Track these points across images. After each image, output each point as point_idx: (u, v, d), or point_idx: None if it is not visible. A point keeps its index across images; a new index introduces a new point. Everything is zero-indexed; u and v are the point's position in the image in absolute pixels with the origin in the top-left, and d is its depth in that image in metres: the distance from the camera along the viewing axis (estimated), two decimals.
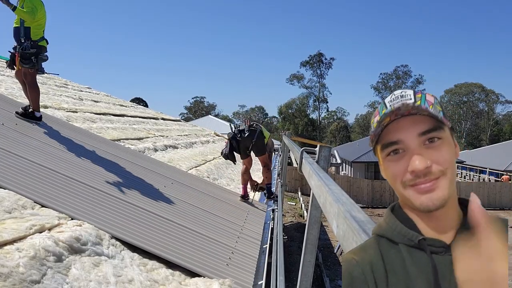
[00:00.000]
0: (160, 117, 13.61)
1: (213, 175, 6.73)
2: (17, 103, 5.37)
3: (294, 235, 14.30)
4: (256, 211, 5.23)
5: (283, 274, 2.81)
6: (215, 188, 5.72)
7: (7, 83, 7.33)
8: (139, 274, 2.30)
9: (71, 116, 6.36)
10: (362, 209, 0.90)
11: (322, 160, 1.82)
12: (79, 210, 2.70)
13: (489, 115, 58.44)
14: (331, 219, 1.06)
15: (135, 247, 2.59)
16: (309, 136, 53.57)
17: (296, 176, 22.00)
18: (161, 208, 3.61)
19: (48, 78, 11.46)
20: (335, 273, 11.87)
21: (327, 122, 65.48)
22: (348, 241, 0.83)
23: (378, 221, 0.74)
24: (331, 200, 1.07)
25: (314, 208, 1.74)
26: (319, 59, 59.26)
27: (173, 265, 2.61)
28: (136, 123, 9.30)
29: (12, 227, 2.10)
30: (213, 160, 8.13)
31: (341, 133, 61.75)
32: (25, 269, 1.79)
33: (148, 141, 7.31)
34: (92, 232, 2.43)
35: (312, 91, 61.55)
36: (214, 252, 3.15)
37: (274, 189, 7.04)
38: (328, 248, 14.35)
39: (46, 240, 2.06)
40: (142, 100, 58.96)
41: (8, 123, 4.11)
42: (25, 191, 2.58)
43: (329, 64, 59.76)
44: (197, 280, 2.55)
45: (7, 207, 2.29)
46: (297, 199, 21.25)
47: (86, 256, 2.19)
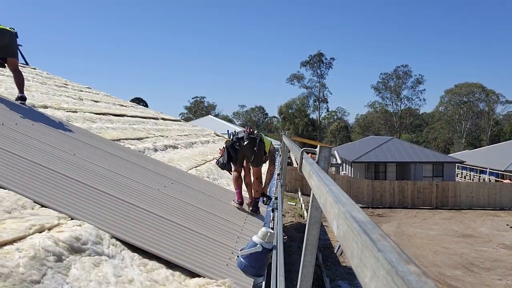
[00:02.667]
0: (160, 117, 13.61)
1: (213, 175, 6.73)
2: (17, 103, 5.37)
3: (294, 235, 14.30)
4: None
5: (283, 274, 2.80)
6: (215, 188, 5.72)
7: (7, 83, 7.33)
8: (139, 274, 2.30)
9: (71, 116, 6.36)
10: (362, 209, 0.90)
11: (323, 161, 1.82)
12: (79, 210, 2.70)
13: (489, 115, 58.44)
14: (331, 219, 1.06)
15: (135, 247, 2.59)
16: (309, 136, 53.57)
17: (296, 176, 22.01)
18: (161, 208, 3.61)
19: (48, 78, 11.46)
20: (335, 273, 11.87)
21: (327, 122, 65.50)
22: (348, 242, 0.83)
23: (378, 221, 0.74)
24: (331, 201, 1.07)
25: (314, 209, 1.74)
26: (319, 59, 59.30)
27: (173, 265, 2.61)
28: (136, 123, 9.30)
29: (12, 227, 2.10)
30: (213, 160, 8.12)
31: (341, 133, 61.76)
32: (25, 269, 1.79)
33: (148, 141, 7.30)
34: (92, 231, 2.43)
35: (312, 91, 61.60)
36: (214, 252, 3.14)
37: (274, 190, 7.04)
38: (328, 248, 14.35)
39: (46, 240, 2.05)
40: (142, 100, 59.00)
41: (8, 123, 4.11)
42: (24, 191, 2.58)
43: (329, 64, 59.84)
44: (197, 280, 2.55)
45: (7, 207, 2.29)
46: (297, 199, 21.24)
47: (86, 256, 2.19)
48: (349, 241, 0.82)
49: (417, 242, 15.85)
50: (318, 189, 1.39)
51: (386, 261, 0.62)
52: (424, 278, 0.57)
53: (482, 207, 22.69)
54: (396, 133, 57.49)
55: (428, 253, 14.53)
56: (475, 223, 19.46)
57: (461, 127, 59.54)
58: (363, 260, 0.71)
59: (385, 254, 0.64)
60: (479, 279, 12.06)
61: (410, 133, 62.12)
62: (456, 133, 59.92)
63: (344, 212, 0.90)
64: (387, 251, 0.65)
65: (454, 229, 18.08)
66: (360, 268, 0.72)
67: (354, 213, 0.87)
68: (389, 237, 0.72)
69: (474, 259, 13.89)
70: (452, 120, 60.12)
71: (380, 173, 30.10)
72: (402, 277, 0.57)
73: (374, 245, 0.68)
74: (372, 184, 23.54)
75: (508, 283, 11.78)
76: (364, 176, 28.47)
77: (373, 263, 0.66)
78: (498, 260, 13.91)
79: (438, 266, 13.17)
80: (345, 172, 31.71)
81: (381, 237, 0.72)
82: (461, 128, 59.51)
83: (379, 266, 0.63)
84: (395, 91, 61.16)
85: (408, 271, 0.58)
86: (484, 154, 35.57)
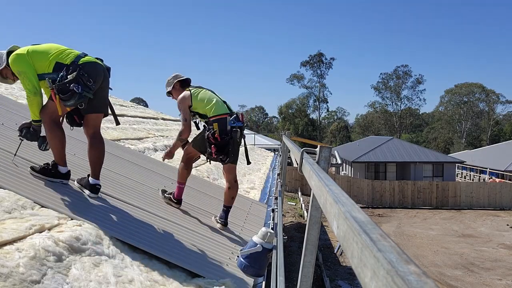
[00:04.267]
0: (160, 117, 13.61)
1: (213, 175, 6.73)
2: (17, 103, 5.37)
3: (294, 235, 14.30)
4: (256, 211, 5.23)
5: (283, 274, 2.80)
6: (215, 188, 5.72)
7: None
8: (139, 274, 2.30)
9: None
10: (362, 209, 0.90)
11: (323, 161, 1.82)
12: (79, 210, 2.70)
13: (489, 115, 58.43)
14: (331, 219, 1.06)
15: (135, 247, 2.59)
16: (309, 136, 53.60)
17: (296, 176, 22.01)
18: (161, 208, 3.61)
19: None
20: (335, 273, 11.88)
21: (327, 122, 65.50)
22: (348, 242, 0.83)
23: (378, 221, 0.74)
24: (331, 201, 1.07)
25: (314, 209, 1.74)
26: (319, 59, 59.28)
27: (173, 265, 2.61)
28: (136, 123, 9.30)
29: (12, 227, 2.10)
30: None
31: (341, 133, 61.76)
32: (25, 269, 1.79)
33: (148, 141, 7.31)
34: (92, 232, 2.43)
35: (312, 91, 61.58)
36: (214, 252, 3.15)
37: (274, 190, 7.04)
38: (328, 248, 14.35)
39: (46, 240, 2.05)
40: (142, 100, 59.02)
41: (8, 123, 4.11)
42: (24, 191, 2.58)
43: (329, 64, 59.81)
44: (197, 280, 2.55)
45: (7, 207, 2.29)
46: (297, 199, 21.24)
47: (86, 256, 2.19)
48: (349, 241, 0.82)
49: (417, 242, 15.85)
50: (318, 189, 1.39)
51: (386, 261, 0.62)
52: (424, 278, 0.57)
53: (482, 207, 22.69)
54: (396, 133, 57.48)
55: (428, 253, 14.53)
56: (475, 223, 19.46)
57: (461, 127, 59.53)
58: (363, 260, 0.71)
59: (385, 254, 0.64)
60: (479, 279, 12.07)
61: (410, 133, 62.12)
62: (456, 133, 59.92)
63: (344, 212, 0.90)
64: (387, 251, 0.65)
65: (454, 229, 18.08)
66: (360, 268, 0.72)
67: (354, 213, 0.87)
68: (389, 237, 0.72)
69: (474, 259, 13.89)
70: (452, 120, 60.12)
71: (380, 173, 30.10)
72: (402, 277, 0.57)
73: (374, 245, 0.68)
74: (372, 184, 23.54)
75: (508, 283, 11.78)
76: (364, 176, 28.46)
77: (373, 263, 0.66)
78: (498, 260, 13.91)
79: (438, 266, 13.17)
80: (345, 172, 31.71)
81: (381, 237, 0.72)
82: (461, 128, 59.51)
83: (379, 266, 0.63)
84: (395, 91, 61.16)
85: (408, 271, 0.58)
86: (484, 154, 35.57)
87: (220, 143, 3.47)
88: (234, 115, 3.64)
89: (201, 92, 3.69)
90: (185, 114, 3.65)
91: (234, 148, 3.59)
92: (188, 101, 3.63)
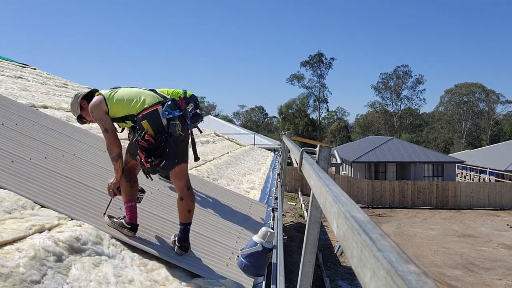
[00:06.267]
0: None
1: (213, 175, 6.73)
2: (17, 104, 5.37)
3: (294, 235, 14.30)
4: (256, 211, 5.23)
5: (283, 274, 2.81)
6: (215, 188, 5.72)
7: (7, 83, 7.34)
8: (139, 274, 2.30)
9: (71, 116, 6.36)
10: (362, 209, 0.90)
11: (322, 161, 1.82)
12: (79, 210, 2.70)
13: (489, 115, 58.43)
14: (331, 219, 1.06)
15: (135, 247, 2.59)
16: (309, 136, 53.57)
17: (296, 176, 22.02)
18: (161, 208, 3.61)
19: (48, 78, 11.46)
20: (335, 273, 11.88)
21: (327, 122, 65.47)
22: (348, 241, 0.83)
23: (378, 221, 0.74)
24: (331, 200, 1.07)
25: (314, 209, 1.74)
26: (319, 59, 59.27)
27: (173, 265, 2.61)
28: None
29: (12, 227, 2.10)
30: (213, 160, 8.13)
31: (341, 133, 61.75)
32: (25, 269, 1.79)
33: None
34: (92, 232, 2.43)
35: (312, 91, 61.56)
36: (214, 253, 3.15)
37: (274, 190, 7.04)
38: (328, 248, 14.35)
39: (46, 240, 2.06)
40: None
41: (8, 123, 4.11)
42: (24, 191, 2.58)
43: (329, 64, 59.79)
44: (197, 280, 2.55)
45: (7, 207, 2.29)
46: (297, 199, 21.24)
47: (86, 256, 2.19)
48: (349, 240, 0.82)
49: (417, 242, 15.85)
50: (318, 189, 1.39)
51: (386, 260, 0.62)
52: (424, 277, 0.57)
53: (482, 207, 22.69)
54: (396, 133, 57.47)
55: (428, 253, 14.53)
56: (475, 223, 19.46)
57: (461, 127, 59.52)
58: (363, 259, 0.71)
59: (384, 254, 0.64)
60: (479, 279, 12.06)
61: (410, 133, 62.11)
62: (456, 133, 59.91)
63: (344, 212, 0.90)
64: (386, 250, 0.65)
65: (454, 229, 18.08)
66: (360, 267, 0.72)
67: (354, 213, 0.87)
68: (389, 237, 0.72)
69: (474, 259, 13.88)
70: (452, 120, 60.11)
71: (380, 173, 30.09)
72: (401, 276, 0.57)
73: (374, 244, 0.68)
74: (372, 184, 23.54)
75: (508, 283, 11.78)
76: (364, 176, 28.46)
77: (373, 263, 0.66)
78: (498, 260, 13.91)
79: (438, 266, 13.17)
80: (345, 172, 31.70)
81: (380, 236, 0.72)
82: (461, 128, 59.49)
83: (379, 265, 0.63)
84: (395, 91, 61.15)
85: (407, 270, 0.59)
86: (484, 154, 35.56)
87: (154, 145, 2.60)
88: (167, 102, 2.69)
89: (117, 91, 2.82)
90: (103, 122, 2.75)
91: (178, 147, 2.70)
92: (102, 105, 2.75)
